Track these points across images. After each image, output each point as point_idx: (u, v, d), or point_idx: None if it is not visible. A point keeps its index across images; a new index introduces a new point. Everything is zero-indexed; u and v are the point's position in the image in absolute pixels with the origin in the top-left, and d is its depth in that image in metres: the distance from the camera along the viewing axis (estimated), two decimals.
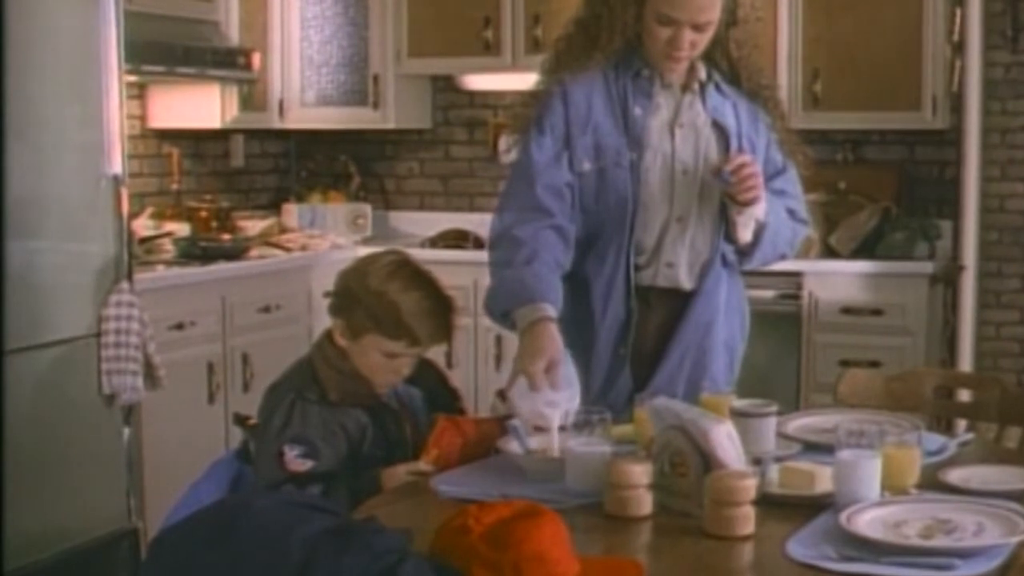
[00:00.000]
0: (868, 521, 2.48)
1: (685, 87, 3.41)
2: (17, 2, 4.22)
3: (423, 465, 3.02)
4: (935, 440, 3.07)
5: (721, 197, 3.37)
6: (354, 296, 3.18)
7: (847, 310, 5.75)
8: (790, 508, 2.63)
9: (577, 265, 3.36)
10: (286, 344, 5.45)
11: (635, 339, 3.39)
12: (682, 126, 3.38)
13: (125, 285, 4.67)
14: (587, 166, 3.34)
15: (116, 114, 4.66)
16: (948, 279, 6.05)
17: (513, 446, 2.98)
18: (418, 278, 3.22)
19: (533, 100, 3.40)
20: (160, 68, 5.60)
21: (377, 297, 3.14)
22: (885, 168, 6.28)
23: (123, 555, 4.72)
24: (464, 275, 5.94)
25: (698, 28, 3.30)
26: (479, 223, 6.61)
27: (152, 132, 6.26)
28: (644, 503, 2.64)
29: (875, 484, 2.62)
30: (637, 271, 3.37)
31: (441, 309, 3.21)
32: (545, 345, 3.09)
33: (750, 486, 2.52)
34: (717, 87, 3.44)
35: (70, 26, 4.51)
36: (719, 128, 3.41)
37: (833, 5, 5.96)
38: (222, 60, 5.95)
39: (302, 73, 6.67)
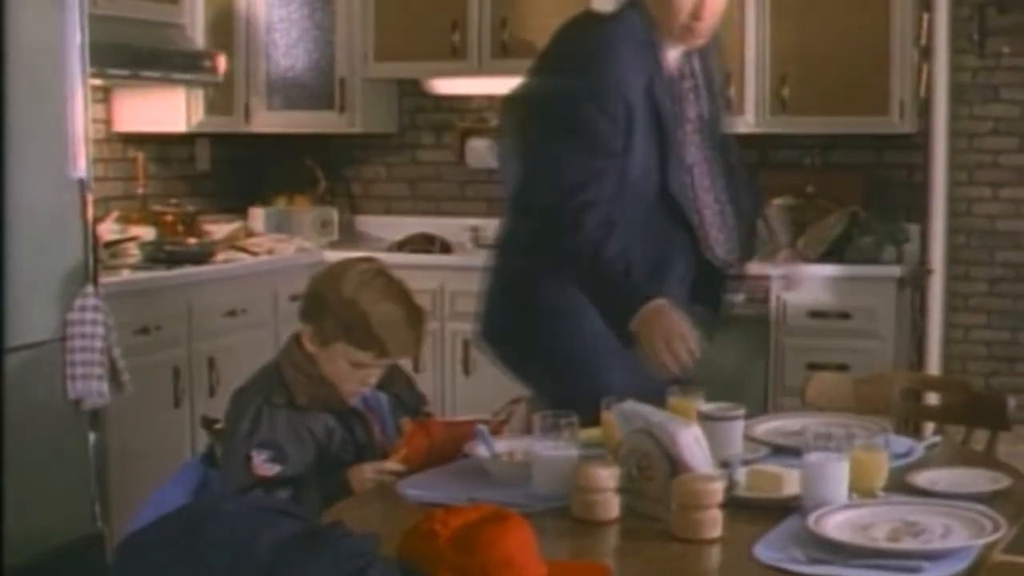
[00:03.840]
0: (836, 524, 2.48)
1: None
2: None
3: (391, 465, 3.02)
4: (903, 443, 3.08)
5: None
6: (325, 303, 3.16)
7: (815, 314, 5.76)
8: (758, 511, 2.63)
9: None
10: (252, 348, 5.42)
11: None
12: None
13: (90, 289, 4.64)
14: None
15: (81, 118, 4.62)
16: (916, 283, 6.07)
17: (480, 450, 2.97)
18: (390, 289, 3.19)
19: None
20: (125, 71, 5.57)
21: (348, 306, 3.12)
22: (853, 172, 6.29)
23: (89, 560, 4.69)
24: (431, 279, 5.95)
25: None
26: (446, 227, 6.63)
27: (117, 136, 6.22)
28: (611, 507, 2.63)
29: (843, 487, 2.62)
30: None
31: (412, 321, 3.19)
32: None
33: (717, 489, 2.52)
34: None
35: (34, 29, 4.48)
36: None
37: (801, 10, 5.97)
38: (187, 63, 5.91)
39: (268, 77, 6.64)
